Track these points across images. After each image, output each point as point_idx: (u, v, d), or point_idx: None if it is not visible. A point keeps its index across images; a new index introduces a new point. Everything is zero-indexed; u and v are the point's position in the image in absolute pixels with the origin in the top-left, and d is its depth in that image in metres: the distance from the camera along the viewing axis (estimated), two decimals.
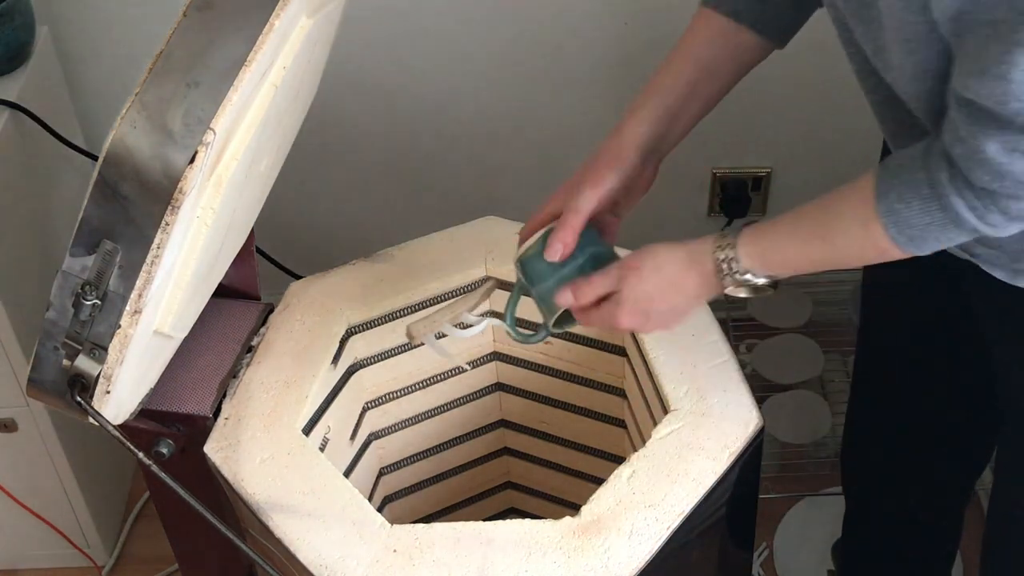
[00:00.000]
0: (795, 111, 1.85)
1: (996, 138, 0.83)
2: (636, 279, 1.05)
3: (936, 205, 0.89)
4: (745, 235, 1.01)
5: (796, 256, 1.00)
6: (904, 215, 0.90)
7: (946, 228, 0.90)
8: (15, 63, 1.62)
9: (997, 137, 0.83)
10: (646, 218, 2.01)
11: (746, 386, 1.21)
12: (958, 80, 0.84)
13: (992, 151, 0.84)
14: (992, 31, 0.79)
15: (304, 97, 1.22)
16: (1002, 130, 0.83)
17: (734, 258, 1.01)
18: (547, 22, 1.76)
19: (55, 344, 0.99)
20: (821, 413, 1.89)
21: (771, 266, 1.01)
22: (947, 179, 0.88)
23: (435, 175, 1.95)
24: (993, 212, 0.87)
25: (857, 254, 0.97)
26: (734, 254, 1.00)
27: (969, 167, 0.86)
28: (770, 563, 1.81)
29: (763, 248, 1.00)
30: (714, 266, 1.02)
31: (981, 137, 0.84)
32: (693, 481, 1.12)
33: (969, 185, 0.87)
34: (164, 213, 0.93)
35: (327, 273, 1.37)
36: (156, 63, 0.93)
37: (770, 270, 1.01)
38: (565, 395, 1.44)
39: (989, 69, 0.80)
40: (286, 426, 1.20)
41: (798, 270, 1.01)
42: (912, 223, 0.90)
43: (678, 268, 1.04)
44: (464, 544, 1.09)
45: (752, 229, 1.01)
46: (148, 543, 1.91)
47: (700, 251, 1.03)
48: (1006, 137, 0.83)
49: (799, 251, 0.99)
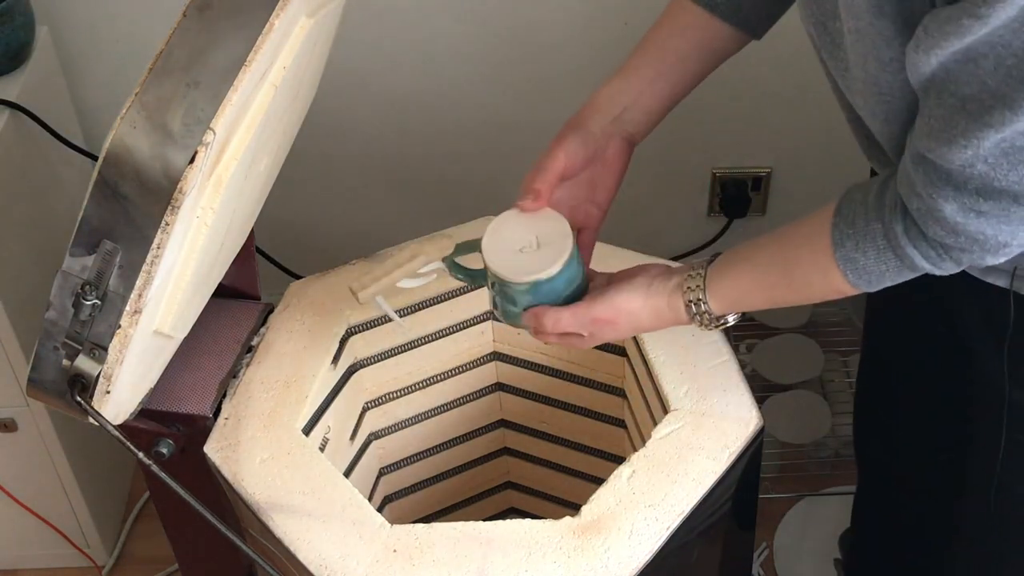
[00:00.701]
0: (795, 111, 1.85)
1: (953, 200, 0.85)
2: (610, 330, 1.07)
3: (892, 255, 0.92)
4: (712, 285, 1.04)
5: (766, 301, 1.04)
6: (861, 263, 0.93)
7: (901, 272, 0.93)
8: (15, 63, 1.62)
9: (954, 198, 0.85)
10: (646, 218, 2.02)
11: (746, 386, 1.21)
12: (920, 140, 0.85)
13: (949, 211, 0.86)
14: (960, 104, 0.80)
15: (304, 97, 1.22)
16: (958, 192, 0.84)
17: (707, 311, 1.04)
18: (547, 22, 1.76)
19: (55, 344, 0.99)
20: (821, 413, 1.89)
21: (739, 308, 1.05)
22: (902, 231, 0.90)
23: (435, 175, 1.95)
24: (946, 260, 0.91)
25: (819, 295, 1.00)
26: (706, 308, 1.04)
27: (925, 223, 0.88)
28: (770, 563, 1.81)
29: (732, 299, 1.04)
30: (688, 319, 1.06)
31: (938, 198, 0.86)
32: (693, 481, 1.12)
33: (924, 237, 0.90)
34: (164, 213, 0.93)
35: (327, 273, 1.37)
36: (156, 63, 0.93)
37: (738, 311, 1.06)
38: (565, 395, 1.44)
39: (956, 140, 0.82)
40: (286, 426, 1.20)
41: (770, 307, 1.05)
42: (869, 270, 0.94)
43: (652, 318, 1.07)
44: (464, 544, 1.09)
45: (717, 277, 1.04)
46: (148, 543, 1.91)
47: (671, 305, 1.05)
48: (963, 199, 0.85)
49: (768, 298, 1.03)
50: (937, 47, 0.78)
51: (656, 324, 1.08)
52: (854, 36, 0.88)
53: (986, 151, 0.81)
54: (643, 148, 1.16)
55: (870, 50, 0.87)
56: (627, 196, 2.06)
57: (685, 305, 1.05)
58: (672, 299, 1.05)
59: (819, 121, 1.85)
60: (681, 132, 1.87)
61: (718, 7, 1.09)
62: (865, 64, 0.89)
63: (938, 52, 0.79)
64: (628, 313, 1.06)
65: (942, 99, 0.82)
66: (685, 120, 1.85)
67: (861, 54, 0.88)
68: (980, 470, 1.14)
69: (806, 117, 1.84)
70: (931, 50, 0.79)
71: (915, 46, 0.81)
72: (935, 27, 0.78)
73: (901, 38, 0.84)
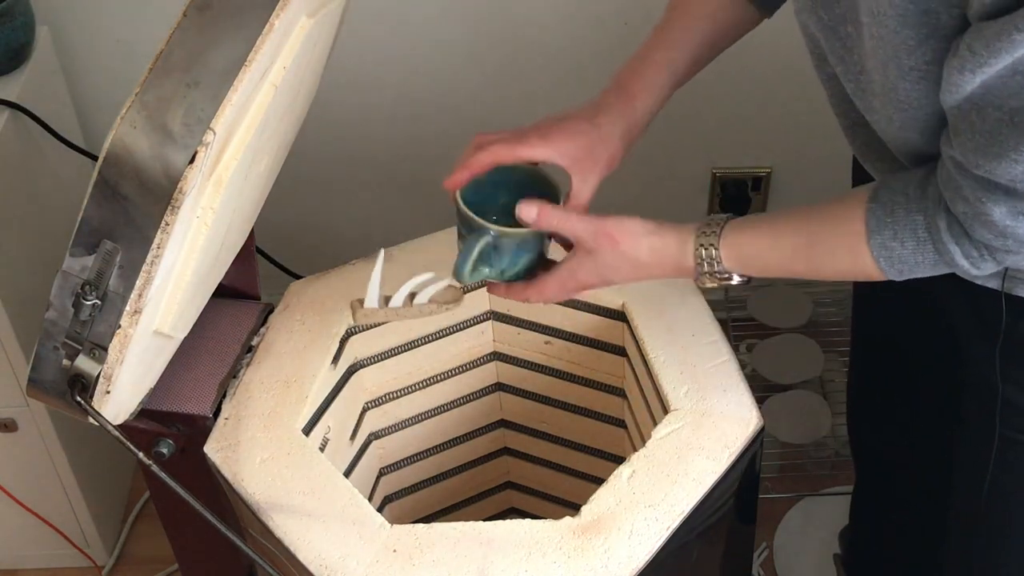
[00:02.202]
0: (795, 111, 1.85)
1: (1004, 203, 0.84)
2: (610, 247, 1.03)
3: (931, 248, 0.91)
4: (728, 237, 1.01)
5: (777, 267, 1.01)
6: (898, 252, 0.92)
7: (937, 266, 0.92)
8: (15, 63, 1.62)
9: (1004, 202, 0.84)
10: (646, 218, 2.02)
11: (746, 386, 1.21)
12: (964, 156, 0.84)
13: (998, 215, 0.85)
14: (1007, 118, 0.79)
15: (304, 97, 1.22)
16: (1010, 196, 0.83)
17: (716, 259, 1.01)
18: (548, 23, 1.76)
19: (55, 344, 0.99)
20: (821, 413, 1.89)
21: (750, 270, 1.02)
22: (945, 227, 0.89)
23: (435, 175, 1.94)
24: (988, 261, 0.89)
25: (839, 275, 0.99)
26: (716, 255, 1.01)
27: (972, 225, 0.87)
28: (770, 563, 1.81)
29: (745, 255, 1.01)
30: (694, 261, 1.02)
31: (988, 202, 0.84)
32: (693, 481, 1.12)
33: (967, 236, 0.88)
34: (164, 213, 0.93)
35: (327, 273, 1.37)
36: (156, 63, 0.93)
37: (749, 273, 1.03)
38: (565, 395, 1.44)
39: (1006, 154, 0.80)
40: (286, 426, 1.20)
41: (776, 275, 1.03)
42: (904, 259, 0.92)
43: (655, 253, 1.03)
44: (464, 544, 1.09)
45: (735, 231, 1.01)
46: (148, 543, 1.91)
47: (681, 241, 1.02)
48: (1013, 203, 0.84)
49: (780, 264, 1.01)
50: (986, 65, 0.77)
51: (656, 261, 1.03)
52: (875, 42, 0.87)
53: None
54: (643, 148, 1.16)
55: (891, 57, 0.86)
56: (627, 196, 2.06)
57: (695, 249, 1.02)
58: (682, 236, 1.02)
59: (819, 121, 1.84)
60: (681, 132, 1.87)
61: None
62: (885, 71, 0.88)
63: (987, 70, 0.77)
64: (633, 236, 1.03)
65: (985, 115, 0.80)
66: (685, 120, 1.86)
67: (881, 61, 0.88)
68: (973, 466, 1.14)
69: (806, 117, 1.84)
70: (979, 69, 0.78)
71: (960, 67, 0.79)
72: (981, 45, 0.76)
73: (922, 48, 0.83)
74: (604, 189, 1.11)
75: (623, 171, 1.08)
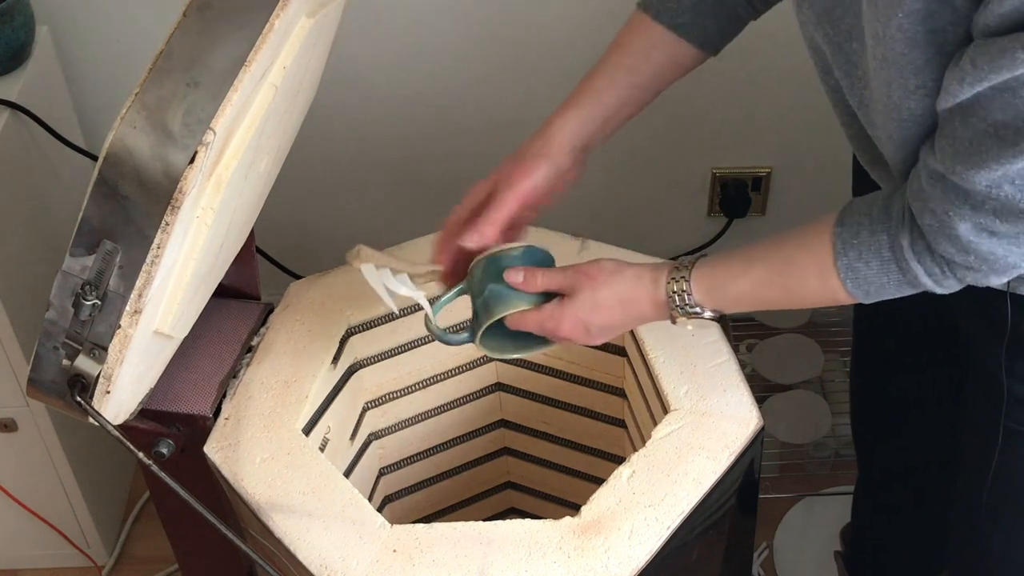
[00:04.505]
0: (795, 111, 1.85)
1: (969, 219, 0.85)
2: (590, 287, 1.05)
3: (895, 267, 0.92)
4: (699, 271, 1.02)
5: (750, 298, 1.02)
6: (863, 273, 0.93)
7: (901, 287, 0.93)
8: (15, 63, 1.62)
9: (970, 218, 0.85)
10: (646, 218, 2.02)
11: (746, 386, 1.21)
12: (942, 161, 0.85)
13: (963, 230, 0.86)
14: (992, 130, 0.80)
15: (304, 97, 1.22)
16: (975, 211, 0.84)
17: (687, 292, 1.02)
18: (548, 23, 1.76)
19: (55, 344, 0.99)
20: (821, 413, 1.89)
21: (722, 304, 1.03)
22: (908, 244, 0.90)
23: (435, 175, 1.95)
24: (949, 278, 0.91)
25: (811, 301, 0.99)
26: (687, 288, 1.02)
27: (936, 239, 0.88)
28: (770, 563, 1.82)
29: (716, 287, 1.02)
30: (666, 296, 1.03)
31: (954, 215, 0.86)
32: (693, 481, 1.12)
33: (930, 252, 0.89)
34: (164, 213, 0.93)
35: (327, 273, 1.37)
36: (156, 63, 0.93)
37: (720, 307, 1.03)
38: (565, 395, 1.44)
39: (986, 163, 0.81)
40: (286, 426, 1.20)
41: (749, 309, 1.04)
42: (870, 280, 0.93)
43: (630, 288, 1.05)
44: (464, 544, 1.09)
45: (706, 265, 1.02)
46: (148, 543, 1.91)
47: (654, 278, 1.04)
48: (979, 219, 0.85)
49: (753, 294, 1.01)
50: (985, 80, 0.78)
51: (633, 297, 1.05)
52: (880, 63, 0.87)
53: (1014, 173, 0.81)
54: (643, 148, 1.16)
55: (896, 78, 0.87)
56: (627, 196, 2.06)
57: (667, 283, 1.03)
58: (656, 273, 1.04)
59: (819, 121, 1.85)
60: (681, 132, 1.87)
61: (683, 28, 1.10)
62: (889, 90, 0.88)
63: (984, 84, 0.79)
64: (608, 272, 1.05)
65: (969, 123, 0.82)
66: (685, 120, 1.86)
67: (885, 81, 0.88)
68: (976, 458, 1.15)
69: (806, 117, 1.84)
70: (977, 82, 0.79)
71: (959, 79, 0.80)
72: (984, 60, 0.78)
73: (930, 67, 0.84)
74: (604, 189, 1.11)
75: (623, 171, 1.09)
